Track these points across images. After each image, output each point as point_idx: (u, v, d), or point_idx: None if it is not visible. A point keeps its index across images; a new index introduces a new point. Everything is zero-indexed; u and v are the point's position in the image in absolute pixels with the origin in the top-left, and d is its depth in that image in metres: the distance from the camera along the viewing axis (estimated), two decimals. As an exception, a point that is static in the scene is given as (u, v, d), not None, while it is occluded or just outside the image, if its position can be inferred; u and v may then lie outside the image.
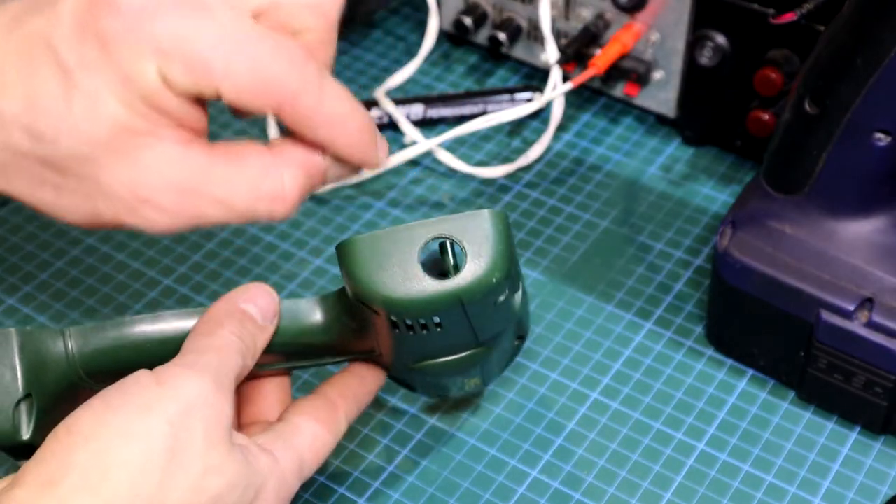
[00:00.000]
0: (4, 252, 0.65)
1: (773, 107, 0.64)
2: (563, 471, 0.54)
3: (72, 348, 0.47)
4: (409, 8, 0.81)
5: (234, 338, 0.46)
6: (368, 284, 0.45)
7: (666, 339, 0.60)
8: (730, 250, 0.55)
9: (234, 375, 0.45)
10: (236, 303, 0.47)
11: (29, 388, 0.46)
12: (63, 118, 0.41)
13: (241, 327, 0.46)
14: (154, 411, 0.41)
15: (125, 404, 0.42)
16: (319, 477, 0.54)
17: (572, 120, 0.72)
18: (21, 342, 0.46)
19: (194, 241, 0.65)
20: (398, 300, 0.44)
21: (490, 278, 0.44)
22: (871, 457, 0.55)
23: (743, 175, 0.68)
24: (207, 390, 0.42)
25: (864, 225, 0.54)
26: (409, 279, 0.44)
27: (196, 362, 0.44)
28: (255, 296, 0.48)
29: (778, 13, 0.59)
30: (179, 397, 0.42)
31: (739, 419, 0.56)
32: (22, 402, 0.46)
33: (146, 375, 0.43)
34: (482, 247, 0.45)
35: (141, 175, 0.42)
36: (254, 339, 0.47)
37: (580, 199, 0.67)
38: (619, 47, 0.68)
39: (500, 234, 0.45)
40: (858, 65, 0.50)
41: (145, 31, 0.40)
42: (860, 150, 0.52)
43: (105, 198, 0.43)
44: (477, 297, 0.45)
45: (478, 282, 0.44)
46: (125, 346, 0.48)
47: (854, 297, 0.53)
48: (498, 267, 0.45)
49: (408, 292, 0.44)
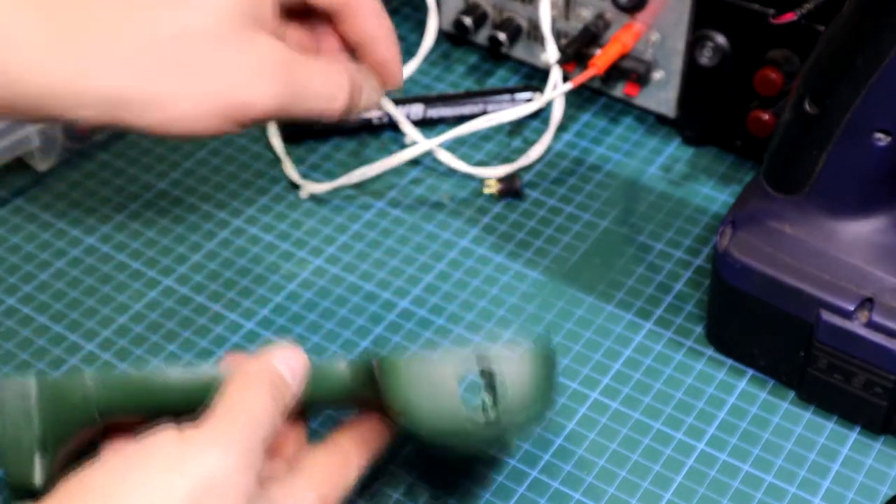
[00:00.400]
0: (4, 252, 0.65)
1: (773, 107, 0.64)
2: (563, 471, 0.54)
3: (92, 394, 0.47)
4: (409, 8, 0.81)
5: (267, 401, 0.45)
6: (407, 410, 0.46)
7: (666, 339, 0.60)
8: (730, 250, 0.55)
9: (265, 441, 0.44)
10: (269, 360, 0.47)
11: (45, 439, 0.46)
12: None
13: (275, 391, 0.45)
14: (173, 487, 0.40)
15: (145, 466, 0.41)
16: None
17: (572, 120, 0.72)
18: (39, 392, 0.47)
19: (194, 242, 0.65)
20: (434, 430, 0.45)
21: (527, 420, 0.46)
22: (871, 457, 0.55)
23: (743, 175, 0.68)
24: (231, 468, 0.42)
25: (864, 225, 0.54)
26: (448, 413, 0.45)
27: (226, 432, 0.43)
28: (287, 356, 0.47)
29: (778, 13, 0.59)
30: (201, 474, 0.41)
31: (739, 419, 0.56)
32: (38, 452, 0.46)
33: (170, 436, 0.42)
34: (524, 389, 0.45)
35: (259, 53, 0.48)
36: (285, 401, 0.46)
37: (580, 199, 0.67)
38: (619, 47, 0.68)
39: (543, 377, 0.46)
40: (858, 65, 0.50)
41: None
42: (860, 150, 0.52)
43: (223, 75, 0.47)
44: (510, 434, 0.46)
45: (514, 423, 0.46)
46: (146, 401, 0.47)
47: (854, 297, 0.53)
48: (537, 410, 0.46)
49: (444, 426, 0.45)
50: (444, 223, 0.66)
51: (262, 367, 0.46)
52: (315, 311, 0.61)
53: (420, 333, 0.60)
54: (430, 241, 0.65)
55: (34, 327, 0.61)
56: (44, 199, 0.68)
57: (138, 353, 0.59)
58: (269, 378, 0.46)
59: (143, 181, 0.69)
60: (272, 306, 0.62)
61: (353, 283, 0.63)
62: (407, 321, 0.61)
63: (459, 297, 0.62)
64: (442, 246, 0.65)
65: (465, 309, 0.61)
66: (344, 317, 0.61)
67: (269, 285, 0.63)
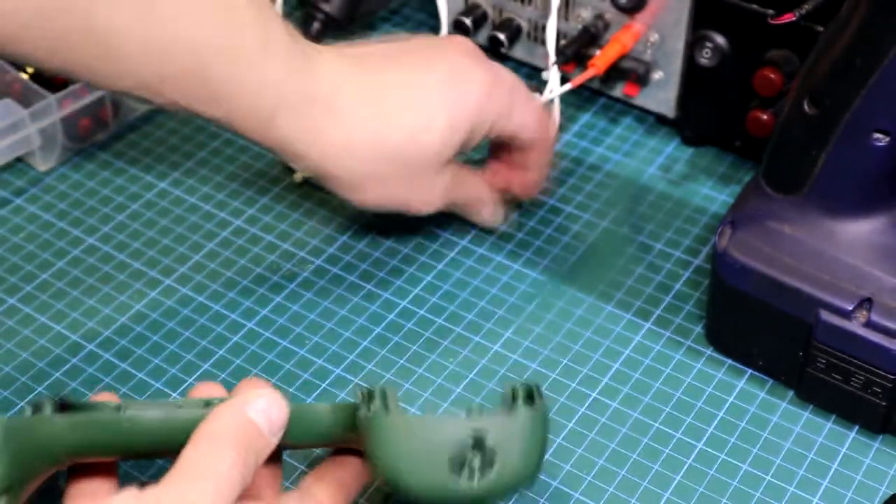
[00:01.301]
0: (4, 252, 0.65)
1: (773, 107, 0.64)
2: (563, 470, 0.54)
3: (59, 434, 0.45)
4: (409, 8, 0.81)
5: (237, 459, 0.42)
6: (392, 471, 0.44)
7: (665, 339, 0.60)
8: (729, 250, 0.55)
9: (231, 499, 0.42)
10: (243, 412, 0.44)
11: (10, 481, 0.45)
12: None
13: (247, 445, 0.43)
14: None
15: None
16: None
17: (572, 120, 0.72)
18: (5, 434, 0.45)
19: (195, 242, 0.65)
20: (417, 493, 0.44)
21: (517, 484, 0.45)
22: (870, 456, 0.55)
23: (742, 175, 0.68)
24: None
25: (863, 225, 0.54)
26: (433, 477, 0.44)
27: (189, 492, 0.41)
28: (265, 406, 0.45)
29: (777, 14, 0.58)
30: None
31: (738, 418, 0.56)
32: (2, 496, 0.45)
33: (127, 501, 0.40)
34: (514, 452, 0.44)
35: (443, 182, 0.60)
36: (258, 454, 0.44)
37: (580, 199, 0.67)
38: (618, 48, 0.68)
39: (534, 440, 0.45)
40: (858, 65, 0.50)
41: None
42: (859, 150, 0.52)
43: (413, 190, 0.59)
44: (498, 499, 0.45)
45: (503, 486, 0.44)
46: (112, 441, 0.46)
47: (853, 297, 0.53)
48: (528, 473, 0.45)
49: (429, 489, 0.44)
50: (444, 223, 0.66)
51: (233, 420, 0.44)
52: (315, 310, 0.62)
53: (420, 333, 0.60)
54: (431, 241, 0.65)
55: (34, 327, 0.61)
56: (44, 199, 0.68)
57: (138, 353, 0.59)
58: (241, 431, 0.43)
59: (143, 181, 0.69)
60: (272, 306, 0.62)
61: (354, 282, 0.63)
62: (407, 321, 0.61)
63: (459, 296, 0.62)
64: (442, 246, 0.65)
65: (466, 309, 0.62)
66: (344, 316, 0.61)
67: (270, 285, 0.63)
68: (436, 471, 0.44)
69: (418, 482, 0.44)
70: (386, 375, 0.58)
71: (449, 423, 0.45)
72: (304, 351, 0.60)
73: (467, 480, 0.44)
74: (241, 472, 0.42)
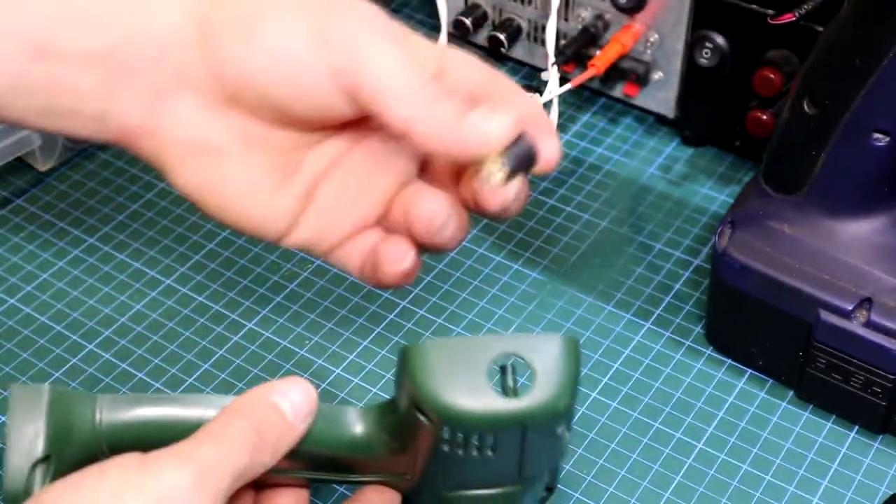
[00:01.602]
0: (5, 252, 0.65)
1: (773, 107, 0.64)
2: (563, 470, 0.54)
3: (100, 419, 0.45)
4: (409, 8, 0.81)
5: (249, 432, 0.41)
6: (432, 391, 0.43)
7: (665, 339, 0.60)
8: (729, 250, 0.55)
9: (233, 473, 0.40)
10: (267, 394, 0.43)
11: (50, 450, 0.44)
12: None
13: (264, 422, 0.43)
14: (124, 500, 0.38)
15: (97, 489, 0.39)
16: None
17: (572, 120, 0.73)
18: (51, 401, 0.44)
19: (195, 242, 0.65)
20: (460, 412, 0.43)
21: (557, 405, 0.43)
22: (870, 456, 0.55)
23: (742, 175, 0.68)
24: (184, 485, 0.39)
25: (863, 225, 0.54)
26: (476, 392, 0.42)
27: (185, 453, 0.40)
28: (290, 390, 0.44)
29: (777, 13, 0.59)
30: (153, 489, 0.39)
31: (738, 418, 0.56)
32: (39, 464, 0.45)
33: (133, 459, 0.40)
34: (552, 372, 0.43)
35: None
36: (278, 437, 0.43)
37: (579, 199, 0.67)
38: (618, 48, 0.68)
39: (571, 362, 0.44)
40: (858, 65, 0.50)
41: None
42: (859, 150, 0.52)
43: None
44: (539, 423, 0.43)
45: (544, 407, 0.43)
46: (154, 426, 0.45)
47: (853, 297, 0.53)
48: (565, 394, 0.43)
49: (472, 405, 0.42)
50: (443, 223, 0.66)
51: (254, 399, 0.43)
52: (315, 310, 0.62)
53: (420, 333, 0.60)
54: (430, 241, 0.65)
55: (34, 327, 0.61)
56: (44, 200, 0.68)
57: (138, 353, 0.59)
58: (260, 409, 0.43)
59: (143, 181, 0.69)
60: (272, 306, 0.62)
61: (354, 282, 0.63)
62: (407, 321, 0.61)
63: (459, 296, 0.62)
64: (442, 246, 0.65)
65: (466, 309, 0.62)
66: (344, 317, 0.61)
67: (270, 285, 0.63)
68: (475, 388, 0.42)
69: (456, 397, 0.42)
70: (386, 375, 0.58)
71: (485, 340, 0.44)
72: (304, 351, 0.60)
73: (508, 397, 0.43)
74: (248, 445, 0.42)
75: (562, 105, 0.73)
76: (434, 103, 0.43)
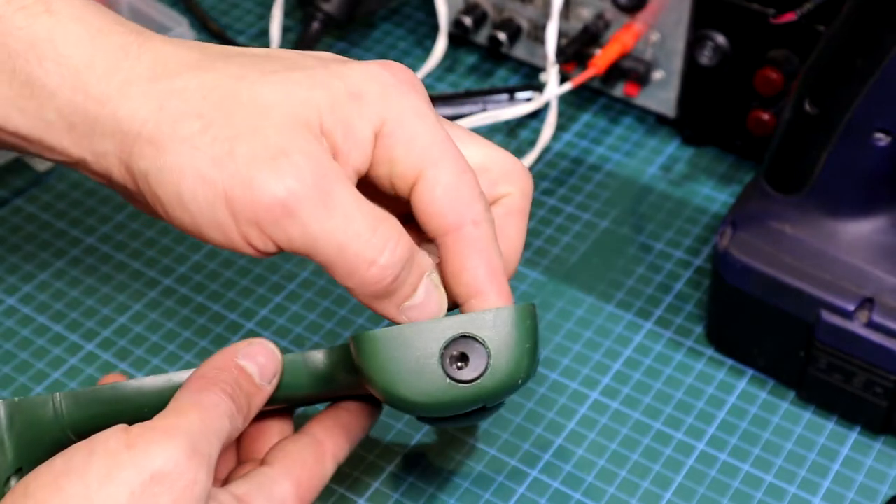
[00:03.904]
0: (4, 252, 0.65)
1: (773, 107, 0.64)
2: (563, 471, 0.54)
3: (63, 411, 0.46)
4: (409, 8, 0.81)
5: (224, 398, 0.43)
6: (386, 384, 0.43)
7: (666, 339, 0.60)
8: (730, 250, 0.55)
9: (218, 439, 0.42)
10: (233, 358, 0.44)
11: (20, 462, 0.45)
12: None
13: (234, 386, 0.43)
14: (116, 480, 0.39)
15: (87, 471, 0.39)
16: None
17: (572, 120, 0.72)
18: (10, 414, 0.45)
19: (194, 242, 0.65)
20: (416, 403, 0.43)
21: (514, 381, 0.43)
22: (871, 457, 0.55)
23: (743, 175, 0.68)
24: (179, 458, 0.40)
25: (864, 225, 0.54)
26: (429, 382, 0.42)
27: (174, 426, 0.41)
28: (255, 353, 0.45)
29: (778, 13, 0.59)
30: (146, 466, 0.39)
31: (739, 419, 0.56)
32: (13, 477, 0.45)
33: (117, 436, 0.40)
34: (507, 348, 0.42)
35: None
36: (248, 400, 0.44)
37: (580, 199, 0.67)
38: (619, 47, 0.68)
39: (526, 333, 0.43)
40: (858, 65, 0.50)
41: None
42: (860, 150, 0.52)
43: None
44: (499, 398, 0.43)
45: (501, 385, 0.43)
46: (118, 411, 0.46)
47: (854, 297, 0.53)
48: (522, 369, 0.43)
49: (427, 396, 0.42)
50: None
51: (221, 364, 0.44)
52: (315, 310, 0.61)
53: (420, 333, 0.60)
54: (430, 241, 0.65)
55: (34, 327, 0.61)
56: (44, 199, 0.68)
57: (138, 353, 0.59)
58: (228, 374, 0.44)
59: (142, 181, 0.69)
60: (272, 306, 0.62)
61: (353, 283, 0.63)
62: (407, 321, 0.61)
63: (459, 297, 0.62)
64: (442, 246, 0.65)
65: (465, 309, 0.61)
66: (344, 316, 0.61)
67: (269, 285, 0.63)
68: (428, 374, 0.42)
69: (413, 388, 0.42)
70: (386, 376, 0.58)
71: (435, 323, 0.43)
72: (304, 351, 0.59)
73: (461, 379, 0.42)
74: (229, 412, 0.42)
75: (562, 105, 0.73)
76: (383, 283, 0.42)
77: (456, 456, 0.55)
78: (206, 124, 0.41)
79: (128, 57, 0.43)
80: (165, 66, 0.43)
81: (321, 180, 0.41)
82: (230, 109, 0.42)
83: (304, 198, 0.41)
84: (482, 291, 0.44)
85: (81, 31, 0.43)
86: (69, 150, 0.44)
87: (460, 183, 0.43)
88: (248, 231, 0.41)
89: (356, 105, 0.43)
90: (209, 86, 0.42)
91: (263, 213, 0.41)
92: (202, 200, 0.41)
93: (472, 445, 0.55)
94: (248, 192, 0.41)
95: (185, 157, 0.41)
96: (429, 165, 0.43)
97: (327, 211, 0.41)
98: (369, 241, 0.41)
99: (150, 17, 0.72)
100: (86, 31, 0.43)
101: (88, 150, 0.43)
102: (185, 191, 0.41)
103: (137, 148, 0.42)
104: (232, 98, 0.42)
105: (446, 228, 0.43)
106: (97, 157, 0.43)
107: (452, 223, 0.43)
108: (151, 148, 0.42)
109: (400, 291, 0.43)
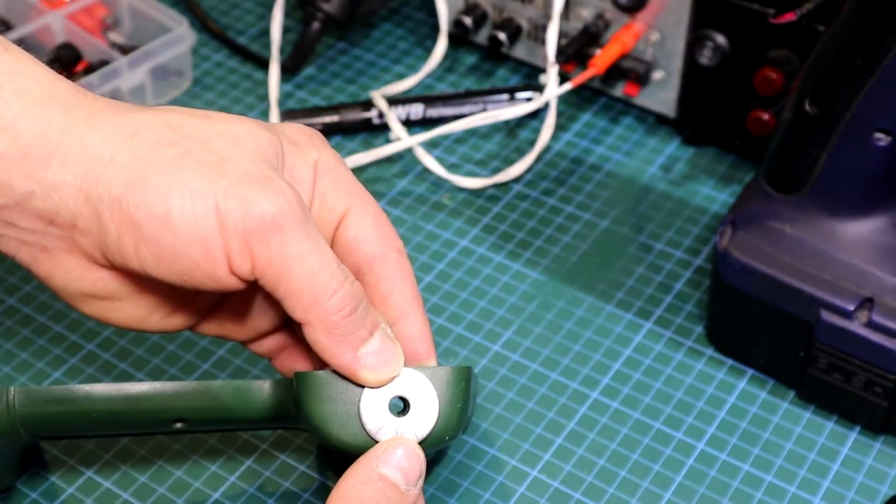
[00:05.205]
0: (4, 252, 0.65)
1: (773, 107, 0.64)
2: (563, 471, 0.54)
3: (14, 405, 0.46)
4: (409, 8, 0.81)
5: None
6: (315, 422, 0.46)
7: (666, 339, 0.60)
8: (730, 250, 0.55)
9: None
10: (374, 468, 0.45)
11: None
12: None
13: (381, 500, 0.44)
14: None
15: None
16: (320, 477, 0.54)
17: (572, 120, 0.72)
18: None
19: (194, 241, 0.65)
20: (338, 442, 0.46)
21: (440, 438, 0.46)
22: (871, 456, 0.55)
23: (743, 175, 0.68)
24: None
25: (864, 225, 0.54)
26: (349, 430, 0.46)
27: None
28: (394, 456, 0.45)
29: (778, 13, 0.59)
30: None
31: (739, 419, 0.56)
32: None
33: None
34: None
35: None
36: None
37: (580, 199, 0.67)
38: (619, 47, 0.68)
39: (459, 393, 0.46)
40: (858, 65, 0.50)
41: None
42: (860, 150, 0.52)
43: None
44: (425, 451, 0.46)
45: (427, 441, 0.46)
46: (66, 412, 0.47)
47: (854, 297, 0.53)
48: (448, 428, 0.46)
49: (347, 437, 0.46)
50: (444, 223, 0.66)
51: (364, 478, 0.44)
52: (315, 310, 0.61)
53: (420, 333, 0.60)
54: (430, 241, 0.65)
55: (34, 327, 0.61)
56: (44, 199, 0.68)
57: (138, 353, 0.59)
58: (373, 489, 0.44)
59: (143, 181, 0.69)
60: (272, 306, 0.62)
61: (353, 282, 0.63)
62: (407, 321, 0.61)
63: (459, 297, 0.62)
64: (442, 246, 0.65)
65: (465, 309, 0.61)
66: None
67: (269, 285, 0.63)
68: (353, 422, 0.46)
69: (337, 432, 0.46)
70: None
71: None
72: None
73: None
74: None
75: (562, 105, 0.73)
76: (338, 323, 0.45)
77: (456, 455, 0.55)
78: (184, 151, 0.43)
79: (86, 97, 0.45)
80: (125, 107, 0.45)
81: (302, 205, 0.44)
82: (205, 140, 0.44)
83: (292, 217, 0.43)
84: (410, 313, 0.48)
85: (41, 71, 0.45)
86: (15, 183, 0.43)
87: (383, 217, 0.49)
88: (232, 245, 0.43)
89: (297, 150, 0.47)
90: (174, 123, 0.45)
91: (254, 226, 0.43)
92: (190, 214, 0.42)
93: (472, 444, 0.55)
94: (241, 206, 0.43)
95: (172, 175, 0.43)
96: (356, 200, 0.48)
97: (306, 234, 0.43)
98: (334, 272, 0.44)
99: (151, 16, 0.72)
100: (45, 72, 0.45)
101: (39, 182, 0.43)
102: (173, 206, 0.42)
103: (109, 173, 0.43)
104: (204, 130, 0.44)
105: (375, 255, 0.48)
106: (47, 190, 0.44)
107: (381, 250, 0.48)
108: (128, 172, 0.43)
109: (357, 332, 0.45)
